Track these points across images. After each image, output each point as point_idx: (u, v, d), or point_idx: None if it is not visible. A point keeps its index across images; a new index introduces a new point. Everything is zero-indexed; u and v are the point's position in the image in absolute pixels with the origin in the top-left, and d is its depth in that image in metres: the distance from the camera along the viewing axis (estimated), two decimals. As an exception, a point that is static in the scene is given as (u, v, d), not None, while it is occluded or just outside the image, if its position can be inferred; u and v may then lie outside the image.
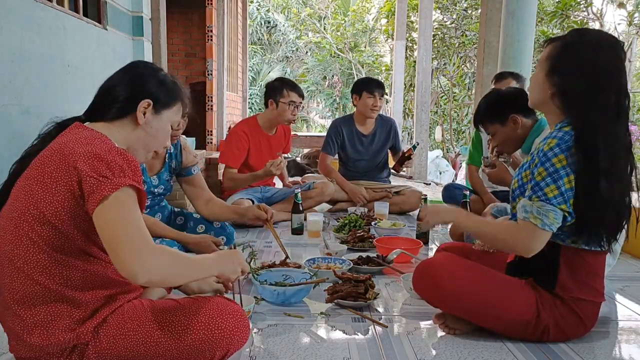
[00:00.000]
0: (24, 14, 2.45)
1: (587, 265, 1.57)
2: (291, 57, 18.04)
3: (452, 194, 3.38)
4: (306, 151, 7.31)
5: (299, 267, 2.20)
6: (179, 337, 1.22)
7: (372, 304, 1.92)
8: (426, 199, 2.88)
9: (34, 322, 1.18)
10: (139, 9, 3.76)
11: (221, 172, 3.93)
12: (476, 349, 1.59)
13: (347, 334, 1.68)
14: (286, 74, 16.46)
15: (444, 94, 11.32)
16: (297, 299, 1.92)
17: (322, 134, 9.61)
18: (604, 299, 1.63)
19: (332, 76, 15.97)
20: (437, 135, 11.10)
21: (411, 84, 10.04)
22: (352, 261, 2.29)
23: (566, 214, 1.47)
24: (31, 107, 2.51)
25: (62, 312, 1.20)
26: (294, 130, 14.78)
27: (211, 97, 6.75)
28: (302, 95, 3.47)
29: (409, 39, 10.14)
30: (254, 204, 3.15)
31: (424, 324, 1.79)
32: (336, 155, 3.97)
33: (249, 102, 11.11)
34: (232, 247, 2.51)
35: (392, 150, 4.02)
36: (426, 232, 2.85)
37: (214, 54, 6.73)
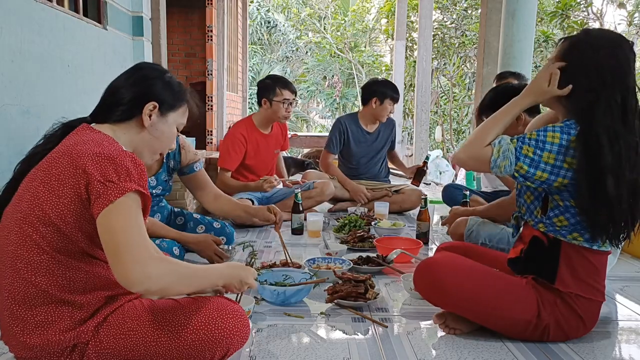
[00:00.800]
0: (24, 14, 2.45)
1: (588, 263, 1.57)
2: (291, 57, 18.03)
3: (452, 194, 3.38)
4: (306, 151, 7.31)
5: (299, 267, 2.20)
6: (179, 336, 1.22)
7: (372, 304, 1.92)
8: (426, 199, 2.87)
9: (35, 322, 1.18)
10: (139, 9, 3.75)
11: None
12: (476, 349, 1.59)
13: (347, 334, 1.68)
14: (286, 74, 16.43)
15: (444, 94, 11.32)
16: (297, 299, 1.92)
17: (322, 134, 9.63)
18: (605, 299, 1.63)
19: (332, 76, 15.95)
20: (437, 135, 11.10)
21: (411, 84, 10.03)
22: (352, 261, 2.29)
23: (516, 174, 1.53)
24: (31, 107, 2.51)
25: (63, 313, 1.20)
26: (294, 130, 14.81)
27: (211, 97, 6.75)
28: (294, 91, 3.44)
29: (409, 39, 10.15)
30: (253, 203, 3.15)
31: (424, 324, 1.79)
32: (337, 154, 3.97)
33: (249, 102, 11.08)
34: (231, 247, 2.53)
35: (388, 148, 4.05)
36: (426, 232, 2.84)
37: (214, 54, 6.73)
